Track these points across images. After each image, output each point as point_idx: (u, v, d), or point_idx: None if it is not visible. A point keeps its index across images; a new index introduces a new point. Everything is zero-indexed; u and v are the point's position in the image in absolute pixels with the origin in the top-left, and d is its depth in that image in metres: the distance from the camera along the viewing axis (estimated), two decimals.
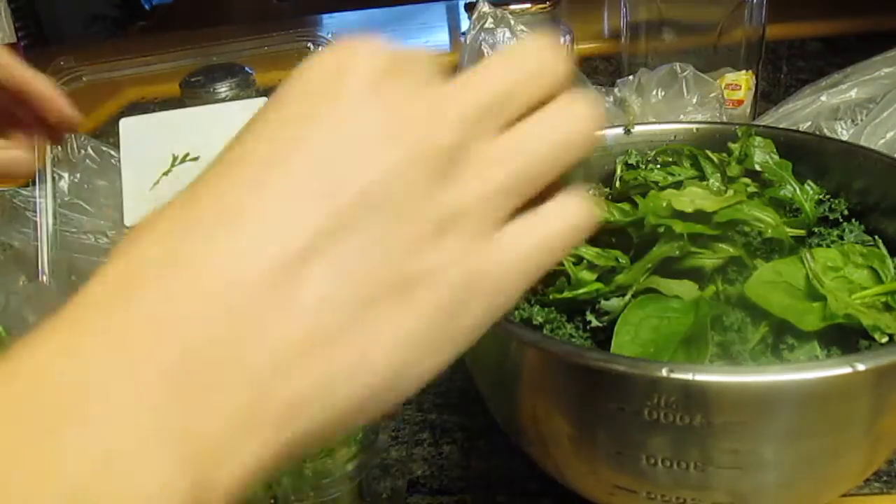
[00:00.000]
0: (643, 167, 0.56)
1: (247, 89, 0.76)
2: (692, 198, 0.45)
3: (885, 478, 0.47)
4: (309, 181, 0.20)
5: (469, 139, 0.22)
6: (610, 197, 0.55)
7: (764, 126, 0.58)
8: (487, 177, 0.22)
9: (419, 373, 0.22)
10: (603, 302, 0.43)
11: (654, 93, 0.79)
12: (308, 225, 0.20)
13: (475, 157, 0.22)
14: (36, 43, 3.00)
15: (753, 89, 0.86)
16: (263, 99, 0.65)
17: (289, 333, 0.19)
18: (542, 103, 0.24)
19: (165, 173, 0.62)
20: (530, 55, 0.24)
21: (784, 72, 1.05)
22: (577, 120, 0.24)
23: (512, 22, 0.81)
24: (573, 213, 0.25)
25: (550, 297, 0.45)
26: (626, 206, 0.50)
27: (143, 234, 0.20)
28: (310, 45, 0.65)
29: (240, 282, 0.19)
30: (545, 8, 0.89)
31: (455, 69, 0.84)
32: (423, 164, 0.21)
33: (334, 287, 0.20)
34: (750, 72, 0.85)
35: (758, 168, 0.53)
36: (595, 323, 0.43)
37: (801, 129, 0.74)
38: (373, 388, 0.21)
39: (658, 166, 0.56)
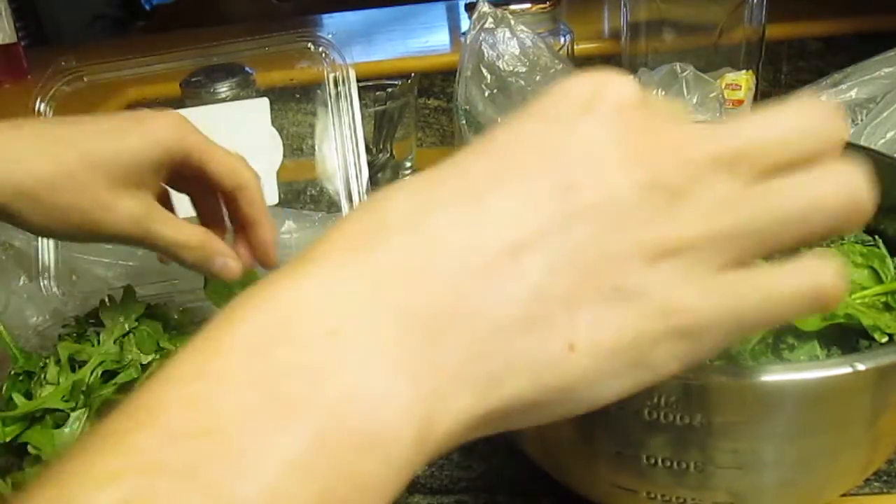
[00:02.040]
0: None
1: (247, 89, 0.76)
2: None
3: (885, 478, 0.47)
4: (547, 181, 0.22)
5: (709, 179, 0.22)
6: None
7: None
8: (717, 218, 0.22)
9: (613, 387, 0.23)
10: None
11: (654, 93, 0.79)
12: (537, 219, 0.22)
13: (710, 197, 0.22)
14: (36, 43, 3.00)
15: (753, 89, 0.86)
16: (264, 99, 0.65)
17: (509, 305, 0.21)
18: (805, 163, 0.23)
19: None
20: (805, 113, 0.24)
21: (784, 72, 1.05)
22: (842, 185, 0.23)
23: (512, 22, 0.81)
24: (812, 281, 0.23)
25: None
26: None
27: (394, 194, 0.23)
28: (310, 45, 0.65)
29: (477, 250, 0.21)
30: (545, 8, 0.89)
31: (455, 69, 0.84)
32: (654, 193, 0.22)
33: (548, 279, 0.21)
34: (750, 72, 0.85)
35: None
36: None
37: None
38: (570, 383, 0.22)
39: None
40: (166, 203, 0.49)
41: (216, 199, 0.48)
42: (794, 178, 0.23)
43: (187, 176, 0.46)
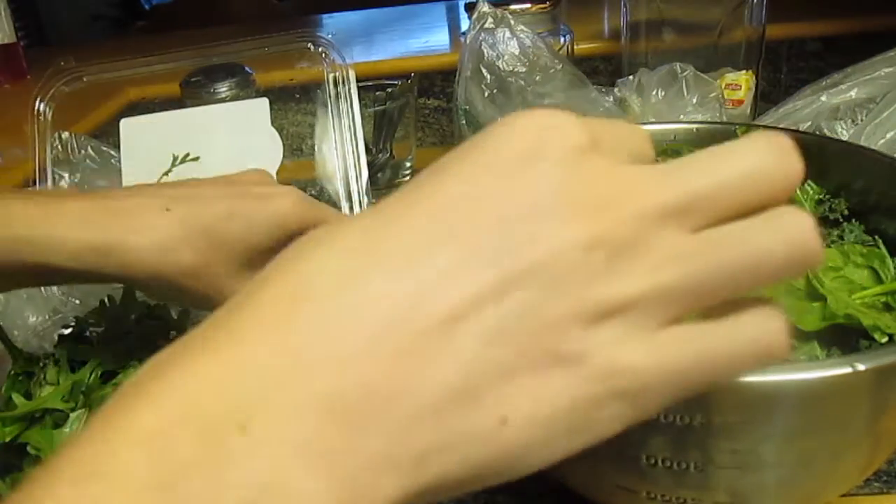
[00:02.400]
0: None
1: (247, 89, 0.76)
2: None
3: (885, 478, 0.47)
4: (486, 242, 0.20)
5: (655, 231, 0.21)
6: None
7: (764, 126, 0.58)
8: (662, 273, 0.21)
9: (545, 455, 0.22)
10: None
11: (654, 93, 0.79)
12: (473, 287, 0.20)
13: (656, 250, 0.21)
14: (36, 43, 3.00)
15: (753, 89, 0.86)
16: (264, 99, 0.65)
17: (440, 383, 0.20)
18: (758, 209, 0.22)
19: (165, 173, 0.62)
20: (757, 154, 0.23)
21: (784, 72, 1.05)
22: (792, 234, 0.21)
23: (512, 22, 0.81)
24: (755, 335, 0.22)
25: None
26: None
27: (325, 251, 0.21)
28: (310, 45, 0.65)
29: (408, 324, 0.20)
30: (545, 8, 0.89)
31: (455, 68, 0.84)
32: (597, 250, 0.21)
33: (484, 350, 0.20)
34: (750, 72, 0.85)
35: None
36: None
37: (801, 129, 0.74)
38: (501, 457, 0.21)
39: None
40: None
41: None
42: (744, 227, 0.21)
43: None
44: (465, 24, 0.87)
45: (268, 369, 0.19)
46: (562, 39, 0.91)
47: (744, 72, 0.85)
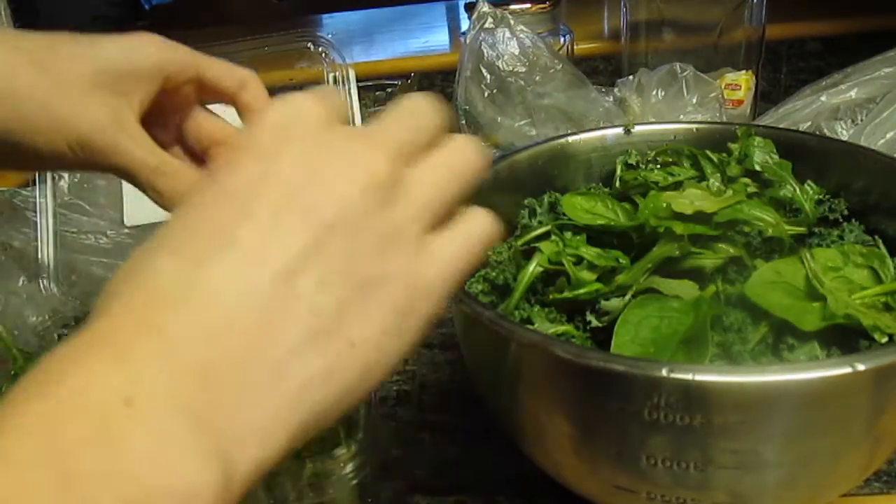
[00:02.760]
0: (643, 167, 0.56)
1: None
2: (692, 199, 0.45)
3: (885, 478, 0.47)
4: (287, 210, 0.25)
5: (399, 169, 0.27)
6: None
7: (764, 126, 0.58)
8: (415, 197, 0.27)
9: (388, 363, 0.26)
10: (603, 302, 0.43)
11: (654, 93, 0.79)
12: (295, 244, 0.24)
13: (404, 183, 0.27)
14: None
15: (753, 89, 0.86)
16: None
17: (296, 330, 0.23)
18: (432, 145, 0.29)
19: None
20: (419, 109, 0.30)
21: (784, 72, 1.05)
22: (467, 155, 0.30)
23: (512, 22, 0.81)
24: (481, 222, 0.30)
25: (550, 297, 0.45)
26: (626, 207, 0.50)
27: (154, 258, 0.24)
28: (309, 45, 0.65)
29: (255, 289, 0.23)
30: (545, 8, 0.89)
31: (455, 68, 0.84)
32: (371, 192, 0.26)
33: (322, 292, 0.24)
34: (750, 72, 0.85)
35: (758, 168, 0.53)
36: (595, 323, 0.43)
37: (801, 129, 0.74)
38: (357, 375, 0.25)
39: (658, 166, 0.56)
40: None
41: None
42: (440, 155, 0.29)
43: (175, 108, 0.43)
44: (465, 24, 0.87)
45: (143, 356, 0.21)
46: (562, 39, 0.91)
47: (744, 72, 0.85)
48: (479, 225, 0.30)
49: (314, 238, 0.24)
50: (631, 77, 0.82)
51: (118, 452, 0.19)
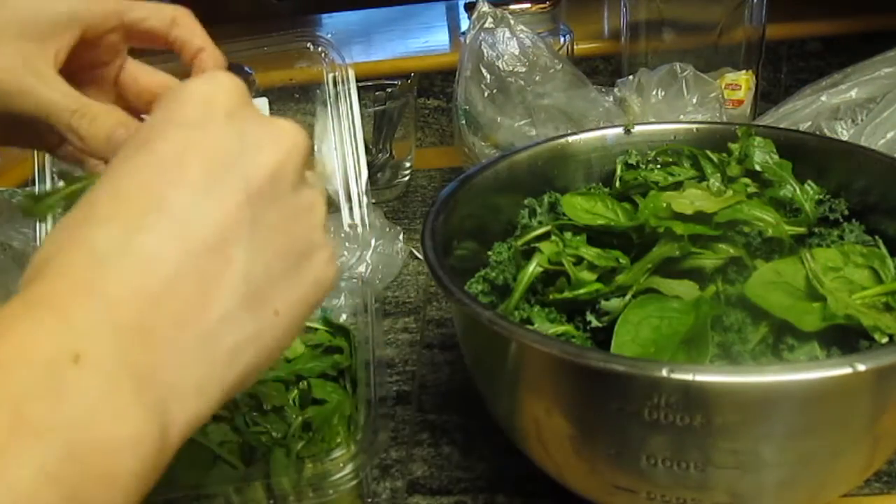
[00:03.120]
0: (643, 167, 0.56)
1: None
2: (692, 199, 0.45)
3: (885, 478, 0.47)
4: (218, 177, 0.26)
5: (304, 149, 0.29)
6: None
7: (764, 126, 0.58)
8: (317, 184, 0.30)
9: (298, 331, 0.29)
10: (603, 302, 0.43)
11: (654, 93, 0.79)
12: (225, 213, 0.25)
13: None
14: None
15: (753, 89, 0.86)
16: (264, 99, 0.65)
17: (230, 295, 0.25)
18: None
19: None
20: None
21: (784, 72, 1.05)
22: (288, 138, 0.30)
23: (512, 22, 0.81)
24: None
25: (550, 297, 0.45)
26: (626, 207, 0.50)
27: (91, 225, 0.24)
28: (309, 45, 0.65)
29: (190, 255, 0.24)
30: (545, 8, 0.89)
31: (455, 69, 0.84)
32: (294, 159, 0.28)
33: (254, 260, 0.26)
34: (750, 72, 0.85)
35: (758, 168, 0.53)
36: (595, 323, 0.43)
37: (801, 129, 0.74)
38: (279, 339, 0.27)
39: (658, 166, 0.56)
40: None
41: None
42: None
43: (102, 55, 0.41)
44: (465, 24, 0.87)
45: (88, 315, 0.22)
46: (562, 39, 0.91)
47: (744, 72, 0.85)
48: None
49: (246, 205, 0.26)
50: (631, 77, 0.82)
51: (67, 403, 0.20)
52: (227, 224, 0.25)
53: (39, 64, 0.38)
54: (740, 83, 0.84)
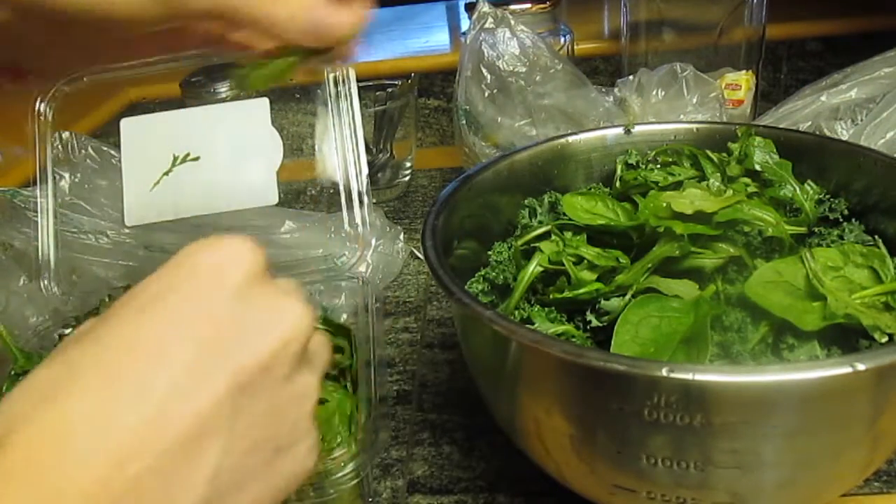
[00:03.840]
0: (643, 167, 0.56)
1: (247, 89, 0.76)
2: (692, 199, 0.45)
3: (885, 478, 0.47)
4: (205, 361, 0.24)
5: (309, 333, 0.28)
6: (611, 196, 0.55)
7: (764, 126, 0.58)
8: (317, 363, 0.30)
9: None
10: (603, 302, 0.43)
11: (654, 93, 0.79)
12: (205, 402, 0.24)
13: (311, 346, 0.29)
14: None
15: (753, 89, 0.86)
16: (264, 99, 0.65)
17: (195, 491, 0.24)
18: None
19: (166, 173, 0.62)
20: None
21: (784, 72, 1.05)
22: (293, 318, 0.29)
23: (512, 22, 0.81)
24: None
25: (550, 297, 0.45)
26: (626, 206, 0.50)
27: (69, 391, 0.23)
28: None
29: (154, 447, 0.23)
30: (545, 8, 0.89)
31: (455, 69, 0.84)
32: (290, 351, 0.27)
33: (227, 459, 0.24)
34: (750, 72, 0.85)
35: (758, 168, 0.53)
36: (595, 323, 0.43)
37: (801, 129, 0.74)
38: None
39: (658, 166, 0.56)
40: None
41: None
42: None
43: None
44: (465, 24, 0.87)
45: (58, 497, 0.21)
46: (562, 39, 0.91)
47: (744, 72, 0.85)
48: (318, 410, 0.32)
49: (230, 397, 0.24)
50: (631, 77, 0.82)
51: None
52: (207, 416, 0.24)
53: None
54: (740, 83, 0.84)
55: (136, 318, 0.25)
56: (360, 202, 0.64)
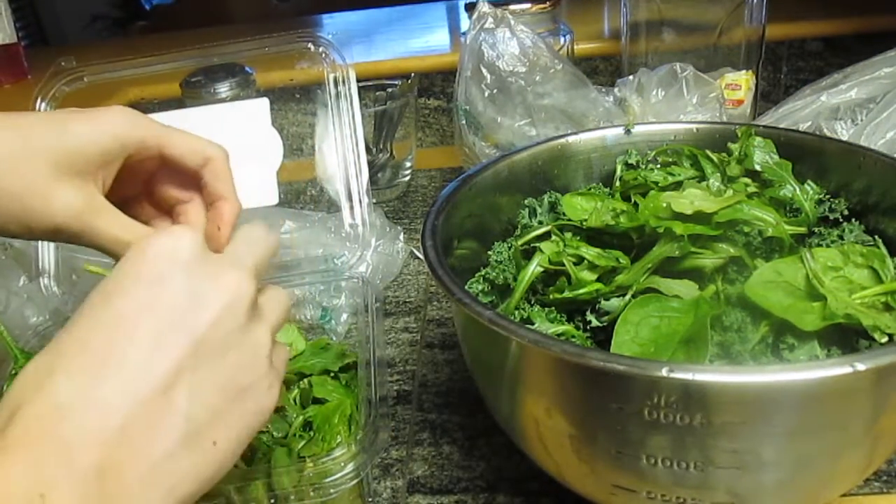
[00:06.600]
0: (643, 167, 0.56)
1: (247, 89, 0.76)
2: (692, 199, 0.45)
3: (885, 478, 0.47)
4: (167, 334, 0.30)
5: (250, 291, 0.34)
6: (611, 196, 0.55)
7: (764, 126, 0.58)
8: (267, 317, 0.35)
9: (237, 453, 0.33)
10: (603, 302, 0.43)
11: (654, 93, 0.79)
12: (173, 361, 0.30)
13: (259, 304, 0.35)
14: (36, 43, 3.00)
15: (753, 89, 0.86)
16: (264, 99, 0.65)
17: (172, 437, 0.29)
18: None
19: None
20: (262, 237, 0.37)
21: (784, 72, 1.05)
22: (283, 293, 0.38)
23: (512, 22, 0.81)
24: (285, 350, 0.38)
25: (551, 297, 0.45)
26: (626, 207, 0.50)
27: (55, 377, 0.29)
28: (310, 45, 0.65)
29: (138, 402, 0.29)
30: (545, 8, 0.89)
31: (455, 69, 0.84)
32: (236, 310, 0.32)
33: (195, 402, 0.30)
34: (750, 72, 0.85)
35: (758, 168, 0.53)
36: (595, 323, 0.43)
37: (801, 129, 0.74)
38: (217, 467, 0.31)
39: (658, 166, 0.56)
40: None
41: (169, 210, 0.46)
42: (271, 290, 0.38)
43: (142, 172, 0.43)
44: (465, 24, 0.86)
45: (51, 462, 0.27)
46: (562, 39, 0.91)
47: (744, 72, 0.85)
48: (285, 351, 0.38)
49: (190, 356, 0.30)
50: (631, 77, 0.82)
51: None
52: (172, 373, 0.30)
53: (98, 202, 0.41)
54: (740, 83, 0.84)
55: (105, 304, 0.31)
56: (360, 202, 0.64)
